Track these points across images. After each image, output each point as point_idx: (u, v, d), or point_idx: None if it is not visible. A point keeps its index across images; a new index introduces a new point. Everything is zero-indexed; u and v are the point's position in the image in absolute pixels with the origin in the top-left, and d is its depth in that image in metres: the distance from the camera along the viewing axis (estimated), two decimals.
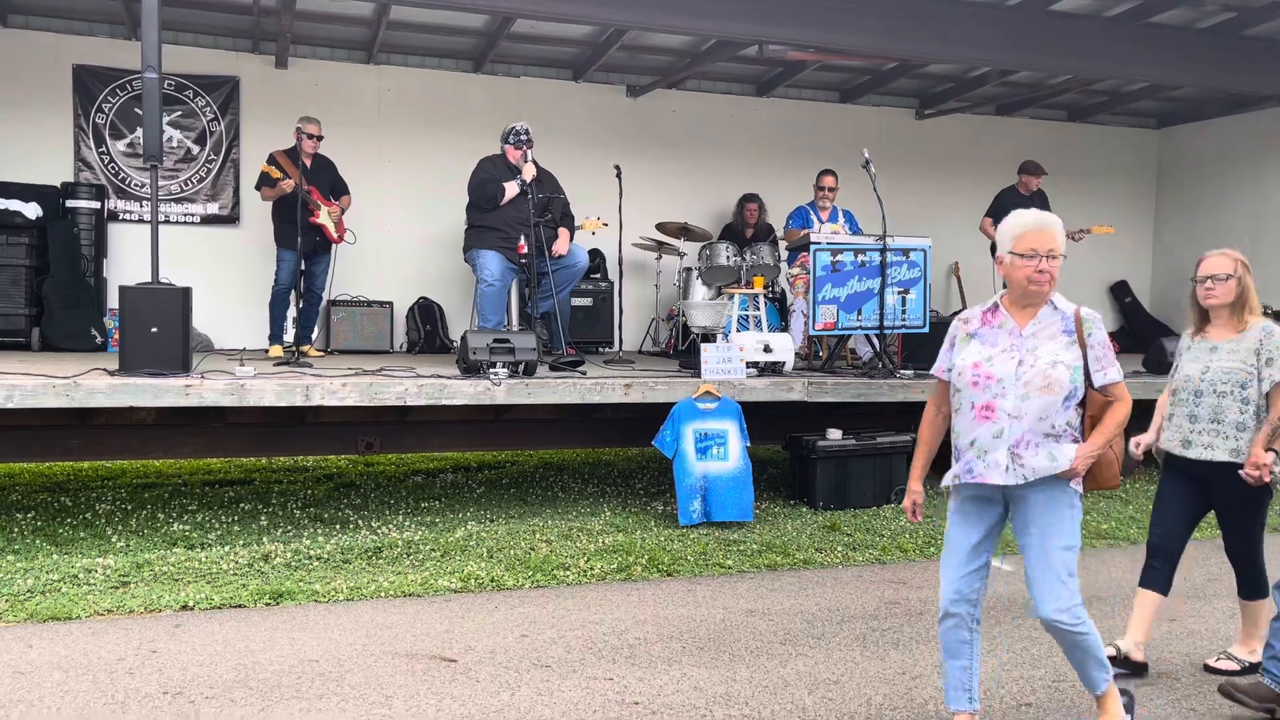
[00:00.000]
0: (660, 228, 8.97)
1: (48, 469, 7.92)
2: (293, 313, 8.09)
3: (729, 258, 8.02)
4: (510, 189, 7.41)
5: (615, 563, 5.56)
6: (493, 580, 5.26)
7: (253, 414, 6.38)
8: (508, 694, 3.85)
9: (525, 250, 7.27)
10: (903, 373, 7.34)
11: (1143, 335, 11.10)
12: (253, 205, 8.63)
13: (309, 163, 7.91)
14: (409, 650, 4.29)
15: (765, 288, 8.11)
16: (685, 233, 8.85)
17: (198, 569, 5.25)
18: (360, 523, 6.36)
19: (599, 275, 9.67)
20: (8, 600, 4.74)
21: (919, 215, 9.76)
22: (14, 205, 8.21)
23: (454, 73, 9.72)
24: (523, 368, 6.41)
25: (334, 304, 8.88)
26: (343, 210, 8.21)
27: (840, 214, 8.91)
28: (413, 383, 6.06)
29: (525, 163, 7.46)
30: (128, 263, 8.58)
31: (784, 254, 8.82)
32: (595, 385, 6.38)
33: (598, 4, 7.40)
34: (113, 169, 8.78)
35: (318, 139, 7.94)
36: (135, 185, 8.83)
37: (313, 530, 6.15)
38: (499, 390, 6.14)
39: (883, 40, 7.92)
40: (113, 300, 8.12)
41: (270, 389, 5.77)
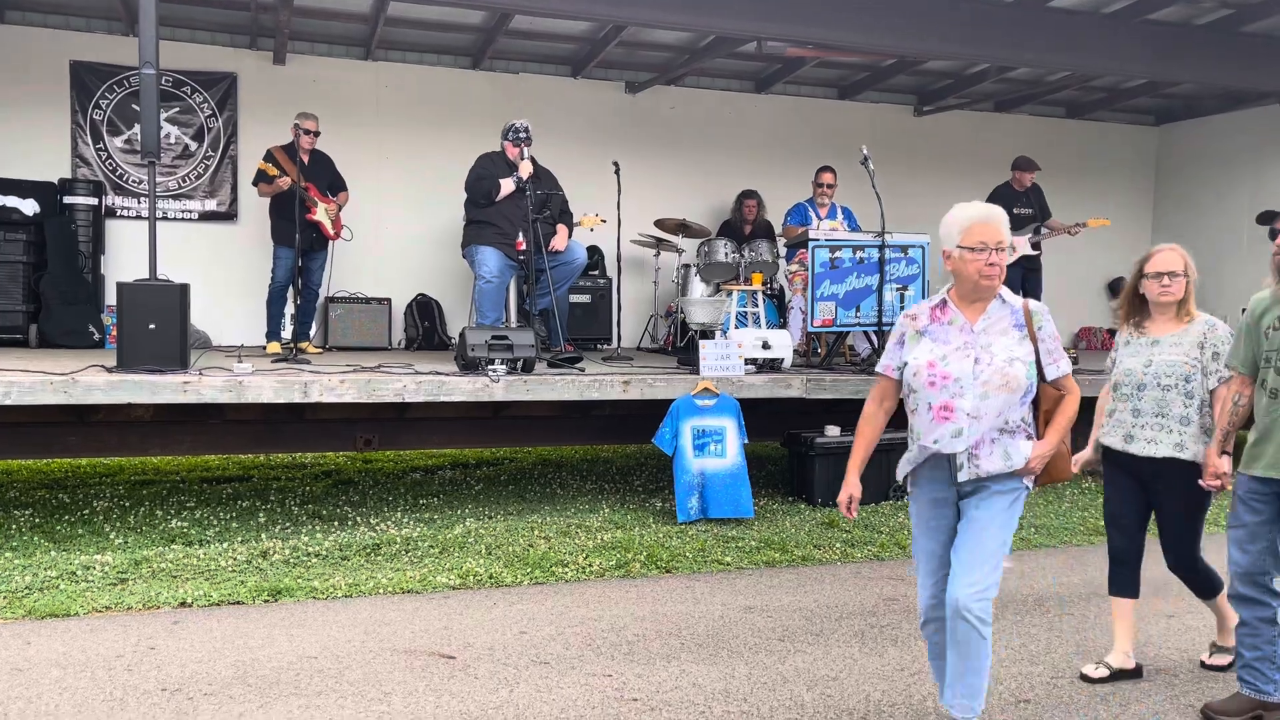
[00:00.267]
0: (659, 224, 8.97)
1: (46, 466, 7.92)
2: (290, 309, 8.09)
3: (727, 254, 8.01)
4: (506, 185, 7.41)
5: (614, 559, 5.56)
6: (491, 577, 5.26)
7: (251, 411, 6.38)
8: (506, 690, 3.85)
9: (524, 247, 7.27)
10: None
11: None
12: (251, 202, 8.62)
13: (306, 159, 7.90)
14: (407, 647, 4.29)
15: (764, 284, 8.11)
16: (684, 229, 8.85)
17: (196, 566, 5.25)
18: (359, 519, 6.36)
19: (597, 272, 9.66)
20: (6, 597, 4.73)
21: (917, 212, 9.72)
22: (11, 201, 8.19)
23: (452, 69, 9.71)
24: (521, 364, 6.40)
25: (332, 301, 8.87)
26: (340, 207, 8.20)
27: (839, 211, 8.91)
28: (411, 379, 6.06)
29: (522, 160, 7.46)
30: (125, 259, 8.57)
31: (782, 251, 8.82)
32: (594, 382, 6.38)
33: (596, 0, 7.40)
34: (110, 165, 8.76)
35: (315, 135, 7.93)
36: (133, 182, 8.81)
37: (311, 527, 6.15)
38: (497, 387, 6.13)
39: (881, 37, 7.92)
40: (110, 297, 8.11)
41: (268, 386, 5.77)
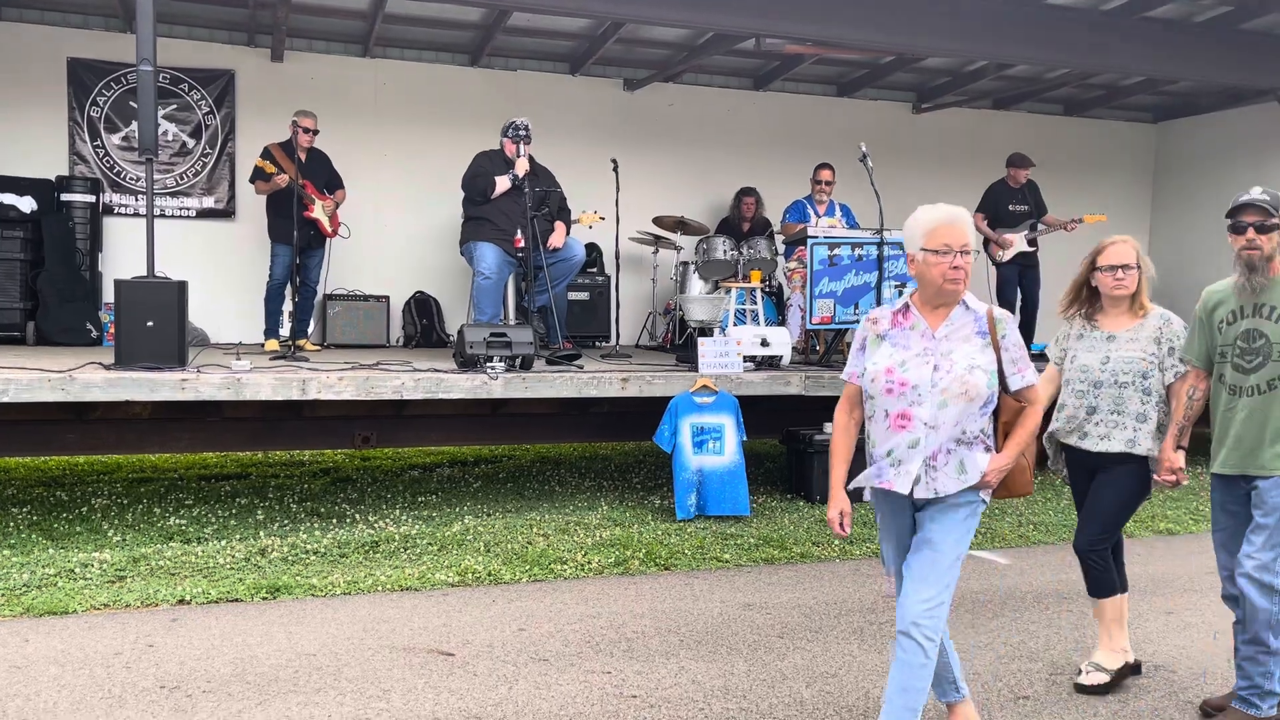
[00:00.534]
0: (657, 221, 8.96)
1: (43, 463, 7.91)
2: (288, 307, 8.08)
3: (726, 252, 8.01)
4: (501, 184, 7.40)
5: (612, 557, 5.56)
6: (490, 574, 5.26)
7: (249, 408, 6.38)
8: (505, 688, 3.85)
9: (522, 244, 7.27)
10: None
11: None
12: (248, 199, 8.61)
13: (304, 156, 7.89)
14: (406, 644, 4.28)
15: (762, 282, 8.10)
16: (682, 227, 8.84)
17: (194, 563, 5.24)
18: (357, 517, 6.36)
19: (596, 269, 9.66)
20: (4, 595, 4.73)
21: (916, 209, 9.74)
22: (9, 199, 8.18)
23: (450, 66, 9.70)
24: (519, 362, 6.40)
25: (330, 298, 8.86)
26: (337, 204, 8.19)
27: (837, 208, 8.90)
28: (409, 377, 6.05)
29: (518, 157, 7.45)
30: (123, 257, 8.55)
31: (781, 248, 8.82)
32: (592, 379, 6.38)
33: None
34: (108, 163, 8.74)
35: (313, 133, 7.91)
36: (130, 179, 8.79)
37: (309, 524, 6.14)
38: (496, 384, 6.13)
39: (880, 34, 7.91)
40: (108, 294, 8.09)
41: (266, 383, 5.76)
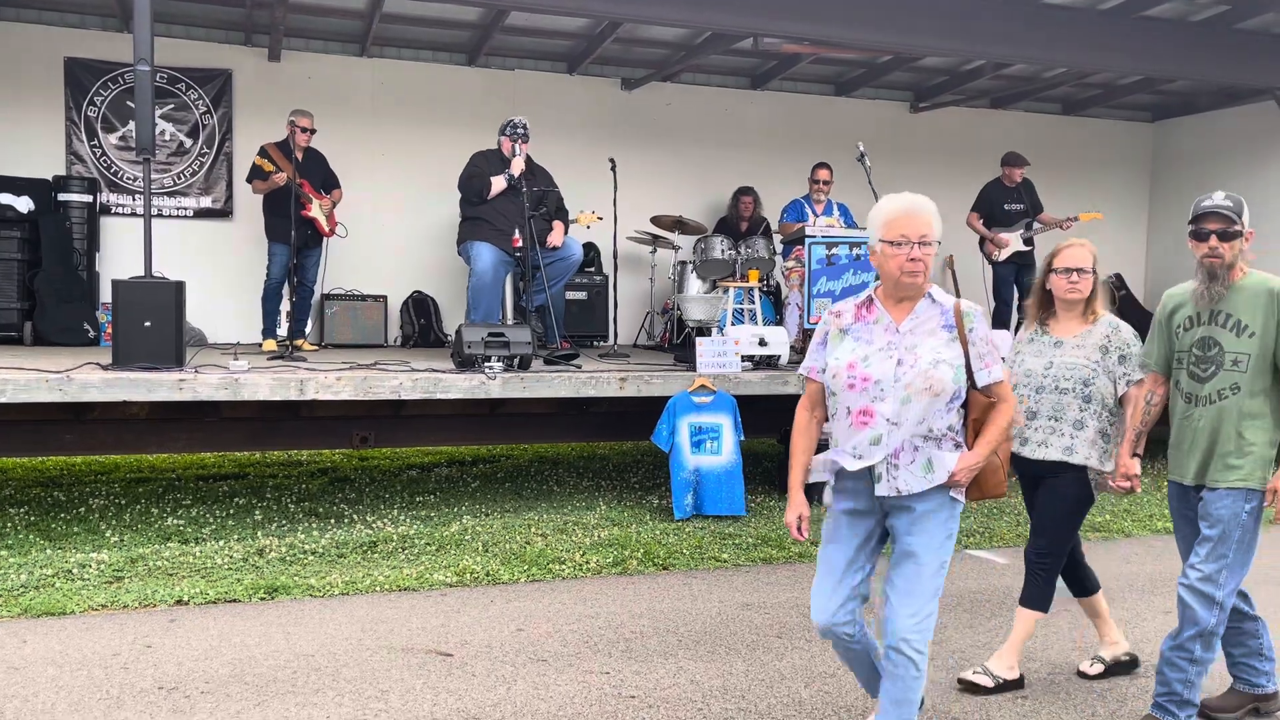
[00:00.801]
0: (655, 221, 8.96)
1: (41, 464, 7.90)
2: (286, 307, 8.07)
3: (724, 251, 8.01)
4: (496, 184, 7.40)
5: (611, 556, 5.56)
6: (488, 574, 5.26)
7: (247, 408, 6.37)
8: (504, 688, 3.85)
9: (520, 243, 7.26)
10: None
11: (1137, 328, 11.10)
12: (246, 199, 8.60)
13: (301, 156, 7.88)
14: (405, 644, 4.28)
15: (760, 281, 8.10)
16: (680, 226, 8.84)
17: (192, 564, 5.24)
18: (355, 517, 6.35)
19: (593, 269, 9.66)
20: (2, 596, 4.72)
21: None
22: (6, 199, 8.17)
23: (448, 65, 9.69)
24: (517, 361, 6.40)
25: (328, 298, 8.85)
26: (334, 204, 8.18)
27: (835, 207, 8.91)
28: (407, 377, 6.05)
29: (514, 156, 7.44)
30: (120, 257, 8.54)
31: (779, 247, 8.82)
32: (590, 379, 6.38)
33: None
34: (105, 162, 8.73)
35: (310, 131, 7.91)
36: (127, 179, 8.79)
37: (307, 525, 6.14)
38: (494, 384, 6.13)
39: (877, 33, 7.92)
40: (105, 294, 8.08)
41: (264, 383, 5.76)
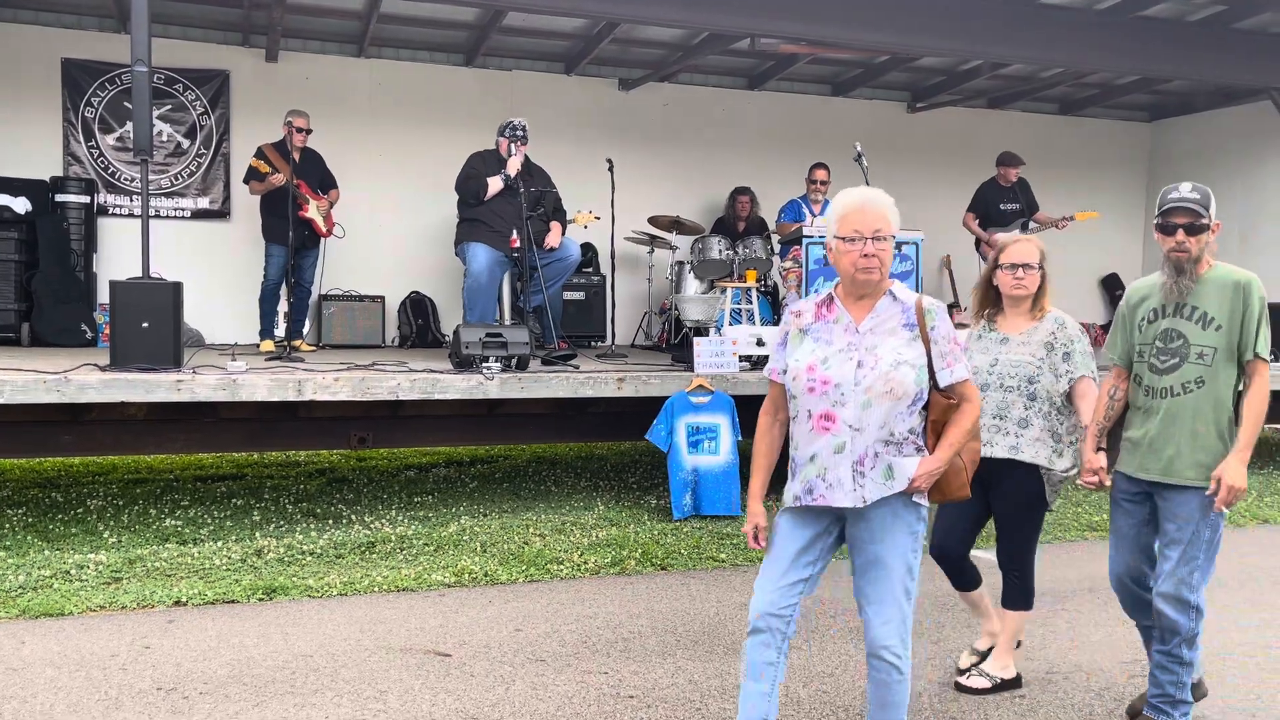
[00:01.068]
0: (652, 221, 8.97)
1: (38, 465, 7.89)
2: (284, 307, 8.07)
3: (721, 251, 8.01)
4: (493, 185, 7.40)
5: (609, 557, 5.56)
6: (486, 575, 5.26)
7: (245, 409, 6.36)
8: (502, 688, 3.85)
9: (517, 244, 7.26)
10: None
11: None
12: (243, 200, 8.60)
13: (298, 156, 7.88)
14: (403, 645, 4.28)
15: (758, 281, 8.11)
16: (677, 226, 8.85)
17: (190, 564, 5.24)
18: (353, 517, 6.35)
19: (591, 269, 9.67)
20: (0, 597, 4.73)
21: (911, 209, 9.69)
22: (3, 200, 8.16)
23: (445, 66, 9.70)
24: (515, 362, 6.40)
25: (326, 298, 8.85)
26: (331, 204, 8.18)
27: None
28: (405, 377, 6.05)
29: (510, 156, 7.45)
30: (118, 257, 8.54)
31: (776, 247, 8.83)
32: (588, 379, 6.38)
33: None
34: (102, 163, 8.73)
35: (306, 132, 7.90)
36: (125, 179, 8.78)
37: (305, 525, 6.14)
38: (491, 385, 6.13)
39: (874, 33, 7.93)
40: (103, 295, 8.09)
41: (262, 384, 5.76)
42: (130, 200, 8.77)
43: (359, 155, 9.18)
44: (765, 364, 7.41)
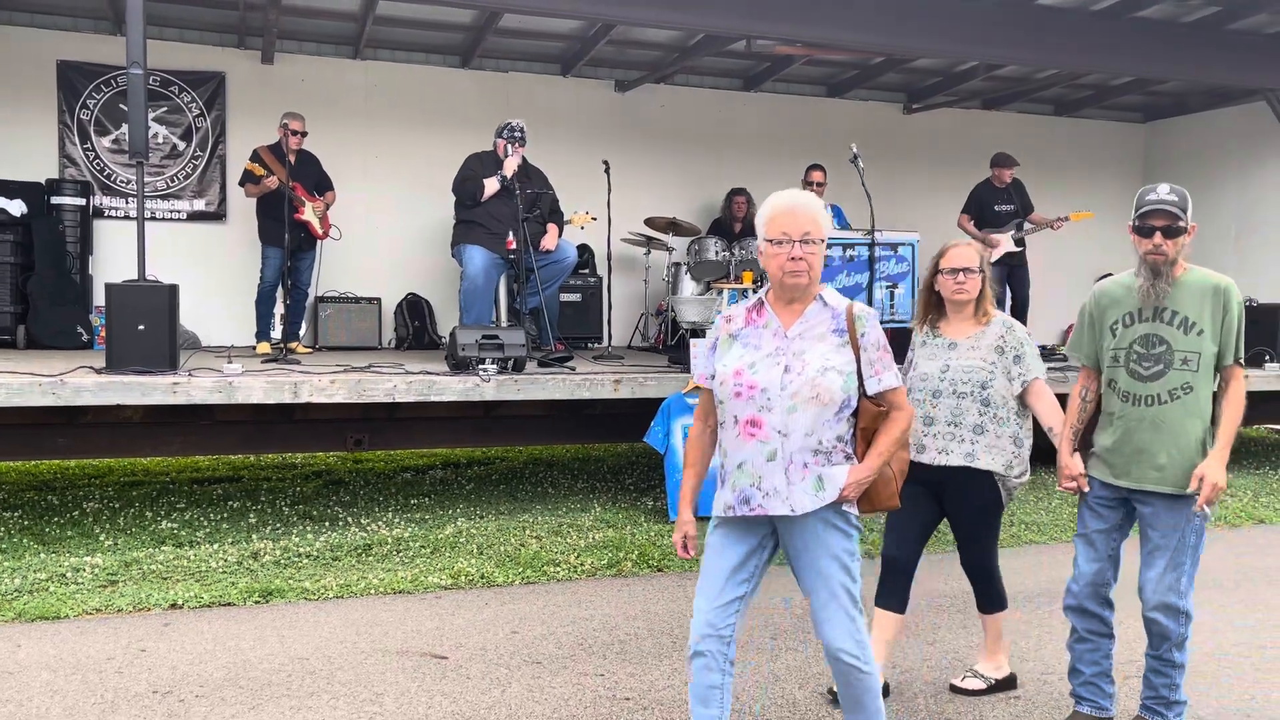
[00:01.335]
0: (649, 223, 8.97)
1: (34, 467, 7.88)
2: (280, 309, 8.07)
3: (718, 252, 8.02)
4: (490, 186, 7.40)
5: (606, 558, 5.57)
6: (483, 577, 5.26)
7: (241, 411, 6.36)
8: (499, 691, 3.85)
9: (514, 245, 7.27)
10: None
11: None
12: (239, 202, 8.59)
13: (293, 159, 7.87)
14: (399, 647, 4.28)
15: (754, 283, 8.10)
16: (674, 227, 8.85)
17: (186, 567, 5.23)
18: (350, 520, 6.35)
19: (587, 270, 9.66)
20: None
21: (907, 210, 9.78)
22: None
23: (441, 68, 9.70)
24: (512, 364, 6.40)
25: (322, 300, 8.85)
26: (327, 206, 8.18)
27: (828, 209, 8.91)
28: (401, 379, 6.05)
29: (506, 157, 7.45)
30: (114, 260, 8.54)
31: None
32: (584, 381, 6.38)
33: None
34: (98, 165, 8.72)
35: (301, 134, 7.90)
36: (121, 182, 8.78)
37: (302, 528, 6.14)
38: (488, 386, 6.13)
39: (870, 35, 7.94)
40: (99, 297, 8.07)
41: (258, 386, 5.75)
42: (126, 202, 8.76)
43: (355, 157, 9.17)
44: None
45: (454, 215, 7.73)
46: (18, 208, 8.22)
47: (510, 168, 7.41)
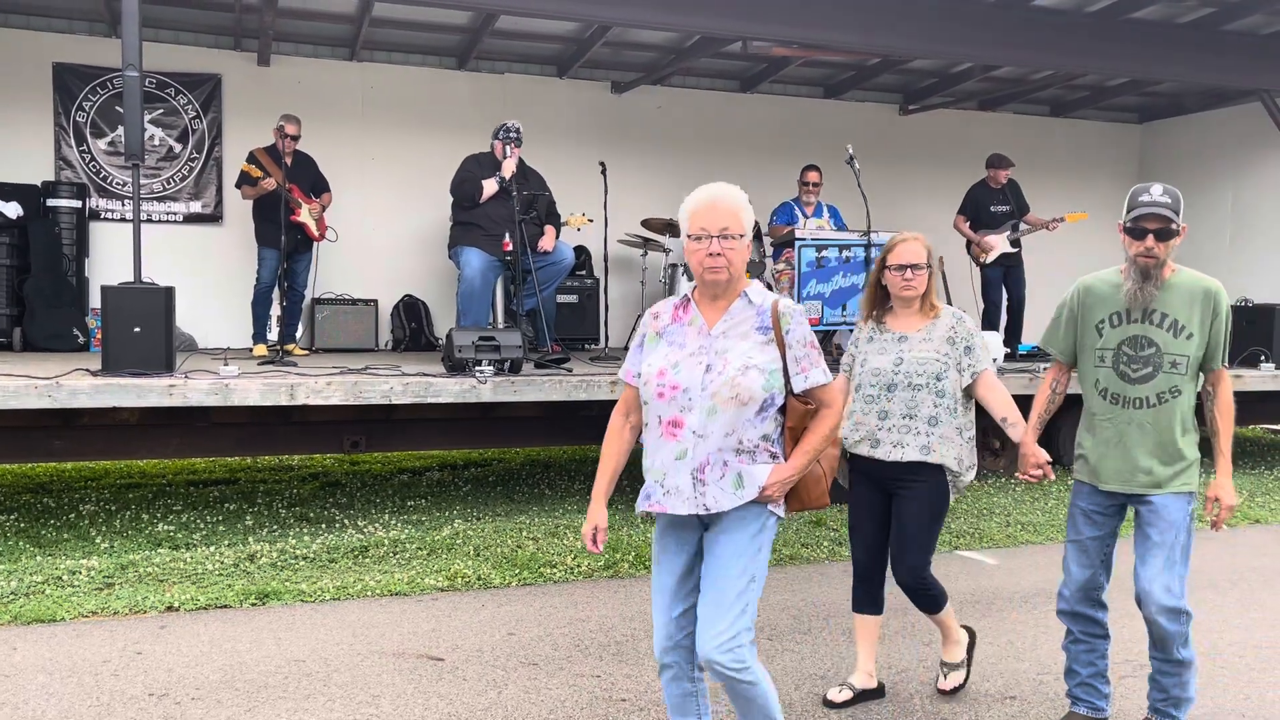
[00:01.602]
0: (645, 224, 8.97)
1: (30, 470, 7.87)
2: (276, 311, 8.07)
3: None
4: (488, 187, 7.40)
5: (602, 560, 5.57)
6: (479, 578, 5.26)
7: (237, 413, 6.36)
8: (495, 692, 3.85)
9: (510, 247, 7.27)
10: None
11: None
12: (235, 204, 8.59)
13: (290, 161, 7.87)
14: (396, 649, 4.28)
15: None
16: (671, 229, 8.85)
17: (183, 570, 5.23)
18: (346, 522, 6.35)
19: (584, 272, 9.66)
20: None
21: (903, 210, 9.79)
22: None
23: (438, 70, 9.70)
24: (508, 365, 6.40)
25: (319, 302, 8.85)
26: (323, 208, 8.18)
27: (825, 209, 8.93)
28: (398, 381, 6.05)
29: (505, 159, 7.45)
30: (110, 262, 8.53)
31: (769, 250, 8.84)
32: (581, 382, 6.38)
33: (581, 0, 7.40)
34: (94, 167, 8.72)
35: (296, 138, 7.89)
36: (117, 184, 8.77)
37: (298, 530, 6.13)
38: (485, 388, 6.13)
39: (866, 36, 7.95)
40: (95, 300, 8.07)
41: (255, 388, 5.75)
42: (122, 204, 8.76)
43: (351, 159, 9.17)
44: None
45: (451, 217, 7.73)
46: (13, 210, 8.21)
47: (509, 169, 7.41)
